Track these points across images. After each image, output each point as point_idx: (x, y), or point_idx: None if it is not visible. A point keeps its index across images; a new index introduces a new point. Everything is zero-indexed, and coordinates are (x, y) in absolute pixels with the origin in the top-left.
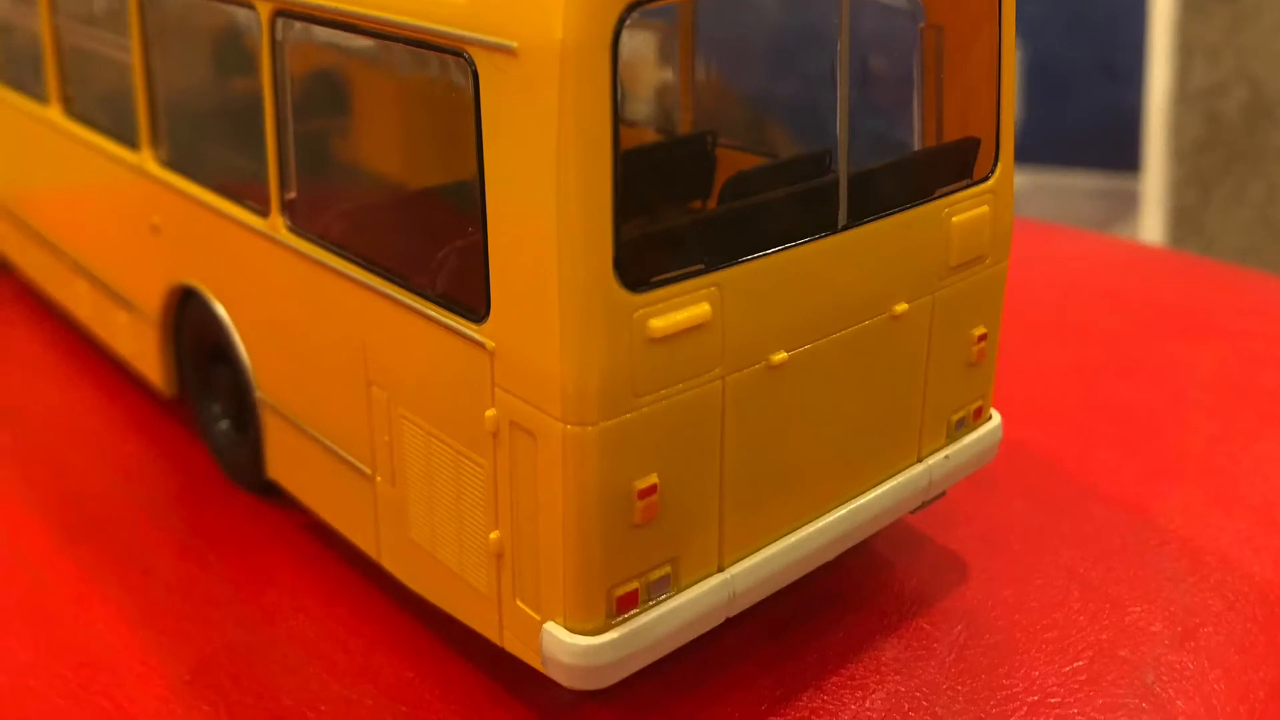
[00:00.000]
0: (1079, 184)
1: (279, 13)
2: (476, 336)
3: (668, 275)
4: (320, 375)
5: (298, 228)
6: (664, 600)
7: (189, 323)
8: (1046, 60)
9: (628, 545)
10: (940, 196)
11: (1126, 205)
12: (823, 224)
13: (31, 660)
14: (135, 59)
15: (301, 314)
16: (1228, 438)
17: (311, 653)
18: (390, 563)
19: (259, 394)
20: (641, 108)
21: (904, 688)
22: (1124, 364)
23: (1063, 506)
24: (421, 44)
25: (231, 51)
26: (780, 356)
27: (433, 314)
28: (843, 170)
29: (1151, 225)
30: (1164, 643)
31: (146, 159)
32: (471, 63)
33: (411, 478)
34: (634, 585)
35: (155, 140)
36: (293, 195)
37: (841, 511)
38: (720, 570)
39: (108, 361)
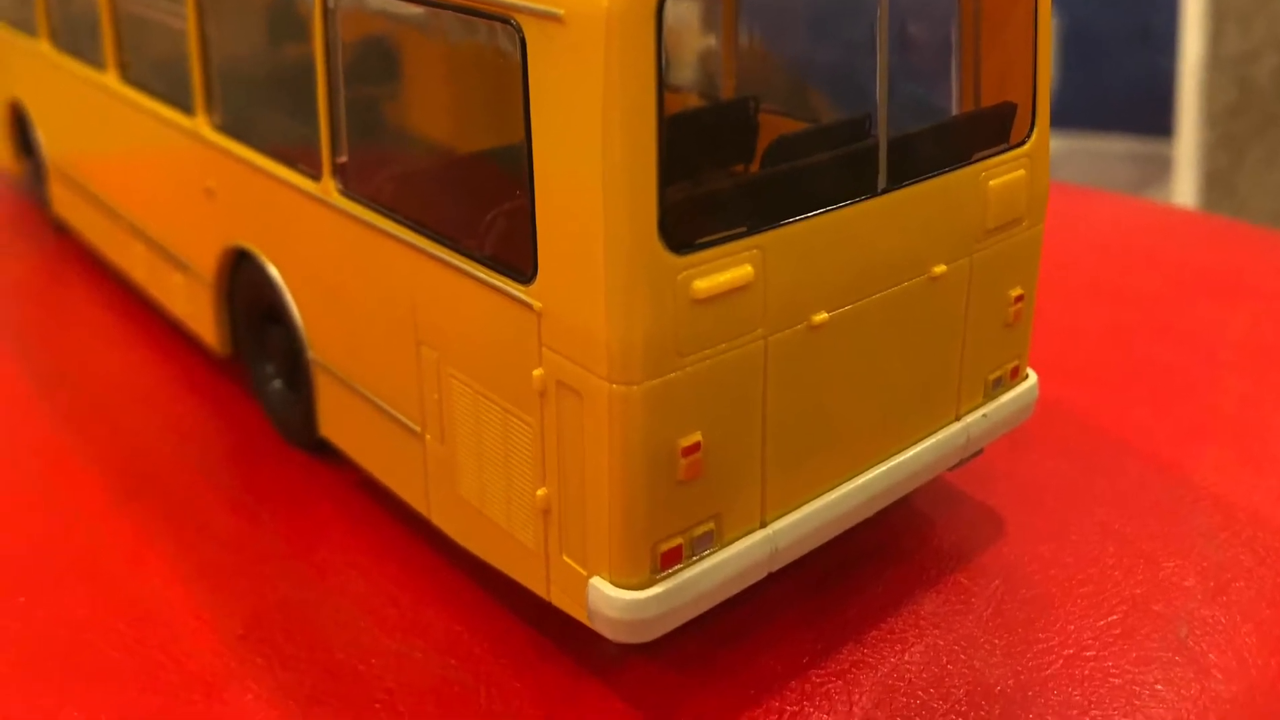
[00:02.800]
0: (1113, 148)
1: None
2: (524, 297)
3: (711, 237)
4: (371, 335)
5: (349, 191)
6: (707, 556)
7: (243, 284)
8: (1082, 26)
9: (672, 502)
10: (978, 160)
11: (1160, 169)
12: (863, 187)
13: (88, 615)
14: (190, 26)
15: (353, 275)
16: (1260, 397)
17: (362, 607)
18: (440, 519)
19: (311, 354)
20: (685, 73)
21: (942, 641)
22: (1158, 324)
23: (1098, 464)
24: (470, 11)
25: (284, 18)
26: (821, 317)
27: (481, 275)
28: (882, 135)
29: (1184, 189)
30: (1197, 597)
31: (201, 124)
32: (519, 30)
33: (460, 436)
34: (678, 541)
35: (210, 105)
36: (344, 159)
37: (881, 469)
38: (763, 526)
39: (163, 322)
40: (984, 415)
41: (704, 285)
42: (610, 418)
